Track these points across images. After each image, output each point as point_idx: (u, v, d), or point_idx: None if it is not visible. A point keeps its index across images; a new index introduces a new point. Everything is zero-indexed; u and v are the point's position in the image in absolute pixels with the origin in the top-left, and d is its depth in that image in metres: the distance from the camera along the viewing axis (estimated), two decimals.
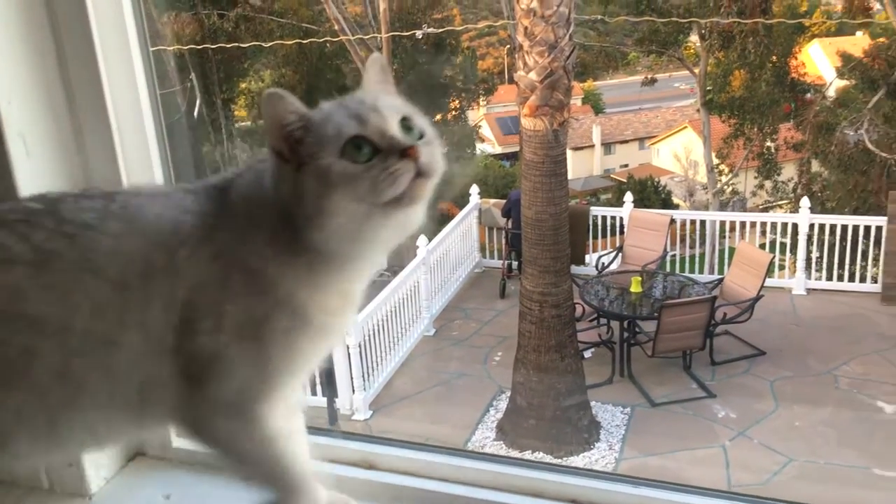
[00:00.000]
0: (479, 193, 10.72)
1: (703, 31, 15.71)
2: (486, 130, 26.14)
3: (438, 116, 17.77)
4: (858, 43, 15.23)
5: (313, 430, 1.17)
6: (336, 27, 14.26)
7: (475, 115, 23.39)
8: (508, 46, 28.36)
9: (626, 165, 25.03)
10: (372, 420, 7.49)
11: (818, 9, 19.31)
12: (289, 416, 1.14)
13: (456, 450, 1.05)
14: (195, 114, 13.21)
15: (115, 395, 1.02)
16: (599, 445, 7.05)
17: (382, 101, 1.01)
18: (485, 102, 23.26)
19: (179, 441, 1.36)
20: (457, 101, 19.11)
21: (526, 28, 6.25)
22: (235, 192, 1.06)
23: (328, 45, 15.95)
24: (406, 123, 1.00)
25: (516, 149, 25.40)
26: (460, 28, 19.10)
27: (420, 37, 13.32)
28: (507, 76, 28.71)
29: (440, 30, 15.42)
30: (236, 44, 15.01)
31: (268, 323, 1.02)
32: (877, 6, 14.37)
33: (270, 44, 14.99)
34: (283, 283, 1.01)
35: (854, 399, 7.57)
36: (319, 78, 16.83)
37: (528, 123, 6.55)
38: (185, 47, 14.46)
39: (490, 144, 26.52)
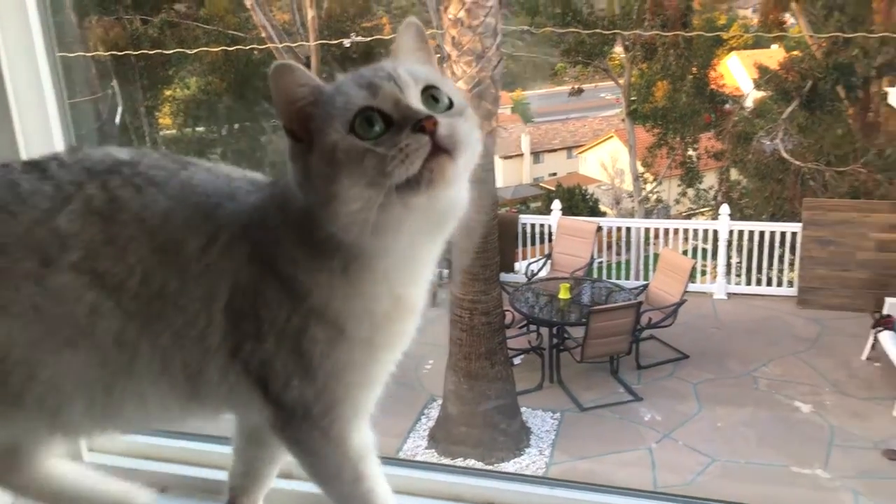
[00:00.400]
0: None
1: (626, 43, 16.08)
2: None
3: None
4: (774, 56, 15.79)
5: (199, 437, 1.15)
6: (263, 34, 14.09)
7: None
8: (437, 56, 28.53)
9: (554, 174, 25.35)
10: None
11: (735, 22, 19.95)
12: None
13: (384, 458, 1.04)
14: (117, 121, 12.88)
15: (163, 371, 0.97)
16: (530, 451, 7.11)
17: (403, 69, 0.90)
18: None
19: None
20: None
21: (454, 38, 6.30)
22: (276, 189, 0.99)
23: (255, 52, 15.75)
24: (432, 93, 0.89)
25: None
26: (389, 37, 19.09)
27: (349, 45, 13.26)
28: None
29: (369, 38, 15.39)
30: (160, 50, 14.70)
31: (305, 334, 0.94)
32: (791, 21, 14.93)
33: (196, 50, 14.72)
34: (316, 291, 0.93)
35: (772, 400, 7.82)
36: (247, 86, 16.59)
37: None
38: (107, 53, 14.10)
39: None
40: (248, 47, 15.24)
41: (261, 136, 16.25)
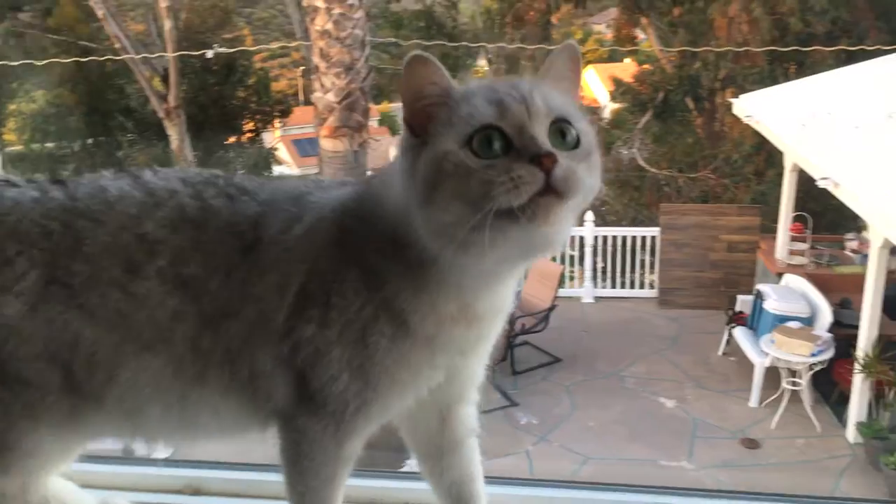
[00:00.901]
0: None
1: (489, 56, 16.45)
2: (282, 152, 25.76)
3: (233, 139, 17.28)
4: (627, 69, 16.57)
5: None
6: (118, 45, 13.50)
7: (271, 137, 22.98)
8: (303, 68, 28.21)
9: None
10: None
11: (591, 37, 20.81)
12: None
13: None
14: None
15: (233, 376, 0.98)
16: (410, 462, 7.10)
17: (540, 94, 0.87)
18: (280, 124, 22.92)
19: None
20: (251, 124, 18.69)
21: (322, 50, 6.27)
22: (373, 183, 1.02)
23: (109, 64, 15.06)
24: (562, 126, 0.87)
25: (314, 171, 25.30)
26: (254, 49, 18.75)
27: (211, 56, 12.91)
28: (301, 98, 28.52)
29: (232, 50, 15.04)
30: (4, 62, 13.82)
31: (374, 325, 0.94)
32: (642, 36, 15.72)
33: (44, 62, 13.92)
34: (391, 281, 0.93)
35: (639, 397, 8.16)
36: (100, 98, 15.85)
37: (327, 144, 6.56)
38: None
39: (287, 167, 26.16)
40: (102, 59, 14.55)
41: (117, 152, 15.54)
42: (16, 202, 1.01)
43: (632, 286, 10.40)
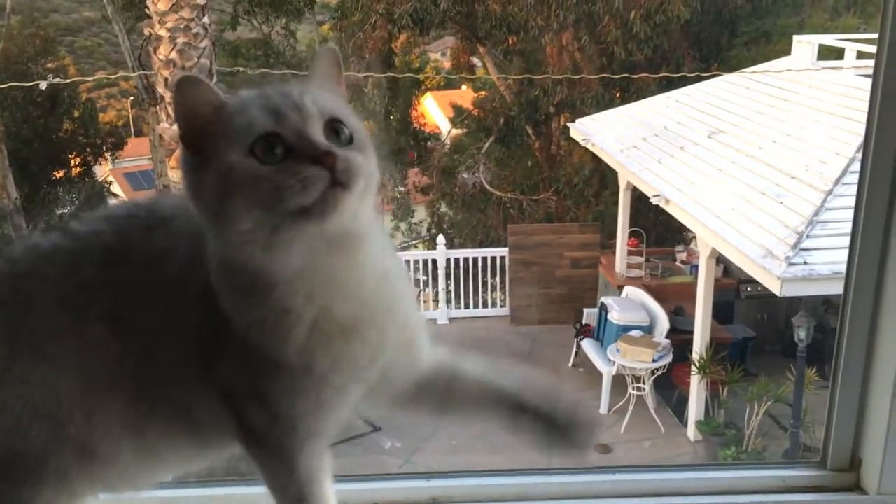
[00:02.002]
0: None
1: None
2: (114, 186, 24.56)
3: (62, 173, 16.32)
4: (465, 96, 17.05)
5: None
6: None
7: (102, 170, 21.89)
8: (132, 98, 27.06)
9: None
10: None
11: (429, 65, 21.28)
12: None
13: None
14: None
15: (175, 408, 1.01)
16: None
17: (311, 97, 0.91)
18: (111, 157, 21.88)
19: None
20: (80, 157, 17.73)
21: (167, 80, 6.09)
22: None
23: None
24: (335, 126, 0.90)
25: None
26: (90, 79, 17.83)
27: (44, 87, 12.18)
28: (132, 129, 27.31)
29: (68, 80, 14.24)
30: None
31: (247, 358, 0.94)
32: (478, 63, 16.25)
33: None
34: (235, 317, 0.93)
35: None
36: None
37: (176, 176, 6.37)
38: None
39: (120, 201, 24.94)
40: None
41: None
42: None
43: (484, 306, 10.67)
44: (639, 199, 9.57)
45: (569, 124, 10.44)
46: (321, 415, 0.99)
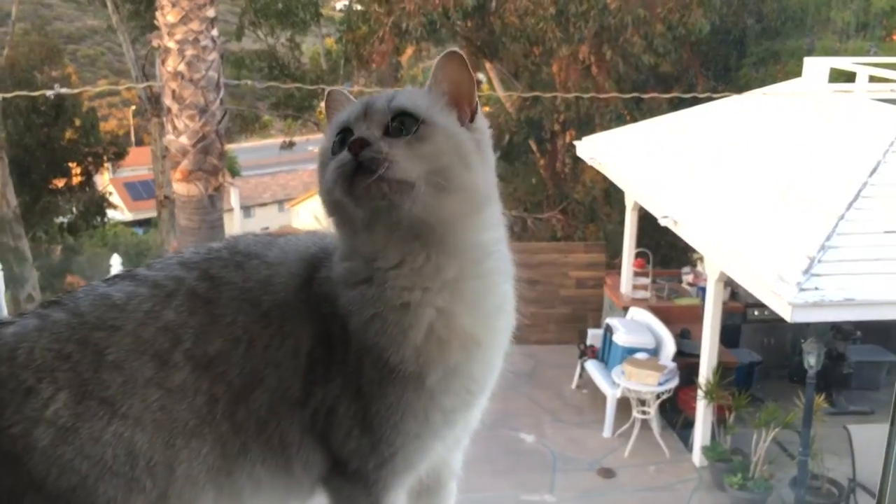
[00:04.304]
0: (122, 264, 9.99)
1: None
2: (114, 197, 24.52)
3: (62, 182, 16.24)
4: None
5: None
6: None
7: (102, 179, 21.86)
8: (134, 108, 27.05)
9: (266, 228, 25.08)
10: None
11: None
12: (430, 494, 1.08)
13: None
14: None
15: (268, 445, 0.99)
16: None
17: (387, 97, 0.98)
18: (111, 167, 21.85)
19: None
20: (80, 167, 17.68)
21: (174, 91, 6.03)
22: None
23: None
24: (402, 120, 0.94)
25: (148, 215, 24.16)
26: (102, 89, 17.80)
27: (51, 96, 12.15)
28: (133, 138, 27.29)
29: (76, 91, 14.20)
30: None
31: (362, 373, 0.94)
32: (483, 79, 16.23)
33: None
34: (354, 311, 0.95)
35: (500, 434, 8.23)
36: None
37: (181, 189, 6.29)
38: None
39: (119, 211, 24.91)
40: None
41: None
42: (19, 336, 0.99)
43: None
44: (644, 219, 9.49)
45: (575, 142, 10.36)
46: (422, 443, 0.99)
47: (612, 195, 11.46)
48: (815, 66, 9.32)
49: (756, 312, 8.87)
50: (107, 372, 0.96)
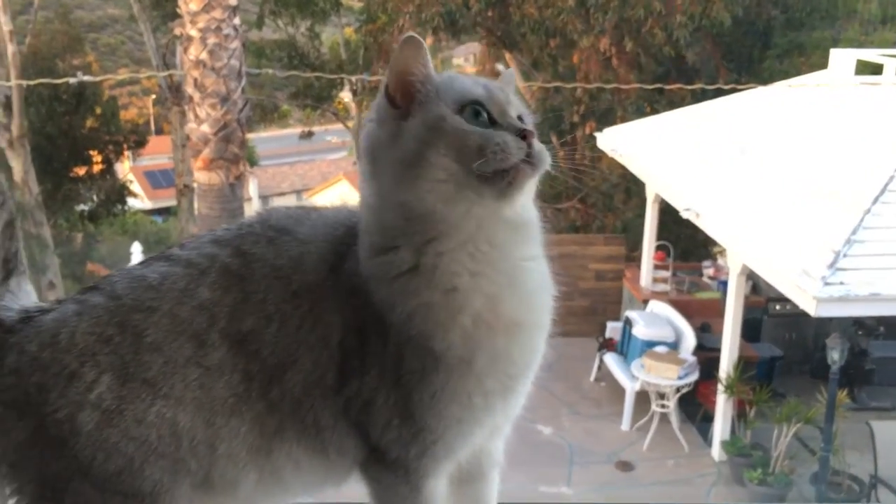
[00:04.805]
0: (143, 252, 10.04)
1: (355, 88, 16.43)
2: (134, 185, 24.66)
3: (83, 170, 16.34)
4: None
5: None
6: None
7: (122, 168, 21.99)
8: (154, 96, 27.16)
9: None
10: None
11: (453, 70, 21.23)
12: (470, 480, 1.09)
13: None
14: None
15: (303, 426, 0.99)
16: None
17: (509, 91, 1.02)
18: (131, 155, 21.98)
19: None
20: (101, 155, 17.79)
21: (196, 80, 6.03)
22: (352, 212, 1.05)
23: None
24: (522, 119, 1.00)
25: (168, 203, 24.28)
26: (124, 77, 17.89)
27: (75, 83, 12.21)
28: (153, 127, 27.41)
29: (100, 78, 14.26)
30: None
31: (403, 363, 0.94)
32: (503, 70, 16.18)
33: None
34: (399, 301, 0.95)
35: (518, 426, 8.18)
36: None
37: (202, 177, 6.29)
38: None
39: (139, 199, 25.07)
40: None
41: None
42: (59, 321, 1.00)
43: None
44: (664, 212, 9.41)
45: (595, 134, 10.28)
46: (463, 429, 0.99)
47: (631, 184, 11.37)
48: (842, 58, 9.20)
49: (778, 307, 8.79)
50: (147, 353, 0.96)
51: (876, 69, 8.95)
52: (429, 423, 0.97)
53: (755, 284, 8.85)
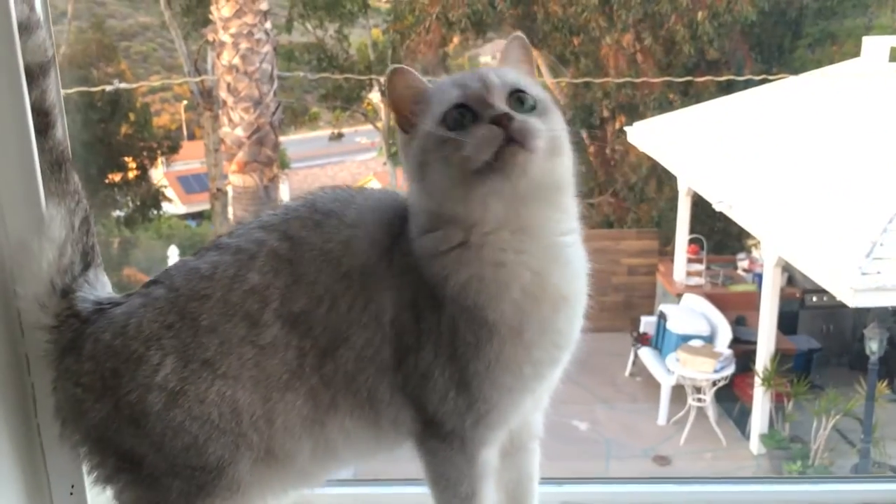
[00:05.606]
0: (179, 255, 10.19)
1: (382, 88, 16.51)
2: (168, 190, 24.94)
3: (119, 177, 16.60)
4: None
5: None
6: None
7: (155, 173, 22.28)
8: (186, 102, 27.47)
9: None
10: None
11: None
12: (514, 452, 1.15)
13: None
14: None
15: (356, 399, 1.05)
16: None
17: (496, 73, 1.04)
18: (163, 161, 22.26)
19: None
20: (136, 161, 18.05)
21: (229, 84, 6.12)
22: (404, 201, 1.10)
23: None
24: (519, 95, 1.01)
25: (201, 207, 24.50)
26: (159, 83, 18.15)
27: (112, 91, 12.44)
28: (185, 132, 27.71)
29: (135, 85, 14.49)
30: None
31: (457, 335, 1.00)
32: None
33: None
34: (451, 274, 1.00)
35: (552, 421, 8.10)
36: None
37: (237, 180, 6.39)
38: None
39: (173, 204, 25.35)
40: None
41: None
42: (127, 313, 1.09)
43: None
44: (696, 205, 9.34)
45: (626, 128, 10.24)
46: (514, 397, 1.05)
47: (661, 174, 11.29)
48: (875, 46, 9.06)
49: (814, 298, 8.70)
50: (204, 336, 1.04)
51: None
52: (484, 392, 1.02)
53: (790, 276, 8.76)
